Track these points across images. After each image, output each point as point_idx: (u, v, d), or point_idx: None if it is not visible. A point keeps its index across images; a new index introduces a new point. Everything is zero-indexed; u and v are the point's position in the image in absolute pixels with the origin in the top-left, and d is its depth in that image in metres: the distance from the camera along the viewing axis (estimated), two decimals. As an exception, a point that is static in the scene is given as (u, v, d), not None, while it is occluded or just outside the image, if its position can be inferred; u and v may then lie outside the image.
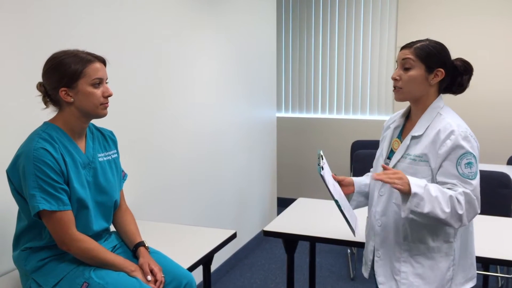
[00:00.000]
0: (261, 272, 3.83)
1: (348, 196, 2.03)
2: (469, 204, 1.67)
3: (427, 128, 1.78)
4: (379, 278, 1.88)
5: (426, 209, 1.63)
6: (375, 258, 1.91)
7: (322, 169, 1.82)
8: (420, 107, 1.84)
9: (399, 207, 1.76)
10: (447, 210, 1.64)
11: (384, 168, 1.73)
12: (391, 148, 1.92)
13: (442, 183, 1.72)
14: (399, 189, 1.64)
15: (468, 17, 4.65)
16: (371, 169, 2.14)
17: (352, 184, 2.01)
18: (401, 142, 1.86)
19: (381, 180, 1.66)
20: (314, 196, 5.26)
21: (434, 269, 1.79)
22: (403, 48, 1.83)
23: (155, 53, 2.79)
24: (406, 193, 1.65)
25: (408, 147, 1.81)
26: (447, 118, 1.76)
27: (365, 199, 2.05)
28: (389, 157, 1.91)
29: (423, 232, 1.79)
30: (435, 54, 1.77)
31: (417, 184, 1.65)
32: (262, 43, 4.24)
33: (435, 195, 1.64)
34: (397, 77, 1.81)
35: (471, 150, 1.69)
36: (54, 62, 1.63)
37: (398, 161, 1.83)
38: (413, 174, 1.75)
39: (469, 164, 1.69)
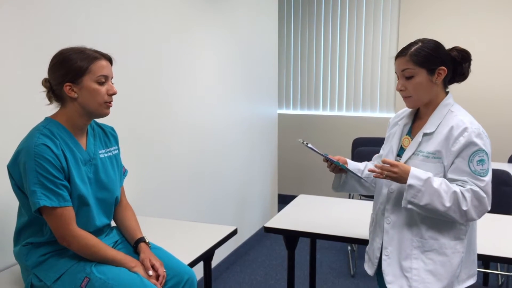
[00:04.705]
0: (262, 268, 3.84)
1: (342, 175, 2.07)
2: (478, 201, 1.69)
3: (438, 125, 1.78)
4: (388, 277, 1.86)
5: (424, 201, 1.70)
6: (383, 257, 1.88)
7: (307, 143, 1.91)
8: (429, 105, 1.83)
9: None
10: (448, 204, 1.68)
11: (384, 163, 1.75)
12: (401, 145, 1.91)
13: (452, 180, 1.73)
14: (394, 180, 1.75)
15: (470, 15, 4.64)
16: (370, 163, 2.12)
17: (345, 162, 2.02)
18: (412, 140, 1.86)
19: (376, 176, 1.78)
20: (315, 193, 5.28)
21: (446, 265, 1.78)
22: (398, 57, 1.80)
23: (157, 49, 2.79)
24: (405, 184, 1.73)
25: (419, 144, 1.81)
26: (459, 115, 1.76)
27: (358, 184, 2.06)
28: (399, 155, 1.90)
29: (436, 229, 1.79)
30: (432, 55, 1.75)
31: (416, 176, 1.70)
32: (264, 40, 4.24)
33: (436, 188, 1.68)
34: (403, 88, 1.80)
35: (483, 147, 1.70)
36: (60, 57, 1.64)
37: (410, 158, 1.82)
38: (425, 171, 1.75)
39: (481, 161, 1.70)
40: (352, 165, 2.04)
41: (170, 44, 2.91)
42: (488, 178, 1.71)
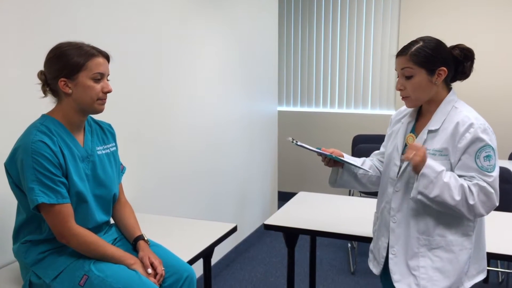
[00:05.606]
0: (262, 265, 3.84)
1: (338, 170, 2.03)
2: (485, 197, 1.69)
3: (443, 121, 1.77)
4: (395, 276, 1.84)
5: (434, 192, 1.68)
6: (390, 256, 1.87)
7: (297, 142, 1.85)
8: (432, 103, 1.82)
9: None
10: (457, 198, 1.67)
11: (411, 148, 1.71)
12: (405, 143, 1.89)
13: (460, 177, 1.72)
14: (414, 165, 1.69)
15: (471, 11, 4.62)
16: (369, 159, 2.11)
17: (341, 155, 1.99)
18: (416, 137, 1.85)
19: (406, 157, 1.71)
20: (315, 190, 5.27)
21: (453, 262, 1.77)
22: (398, 55, 1.79)
23: (157, 46, 2.78)
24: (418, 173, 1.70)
25: (425, 141, 1.79)
26: (464, 111, 1.75)
27: (354, 180, 2.03)
28: (403, 153, 1.88)
29: (443, 226, 1.77)
30: (432, 55, 1.73)
31: (431, 166, 1.68)
32: (264, 37, 4.22)
33: (447, 181, 1.67)
34: (402, 87, 1.79)
35: (490, 143, 1.70)
36: (57, 51, 1.63)
37: None
38: None
39: (488, 157, 1.69)
40: (348, 158, 2.01)
41: (170, 42, 2.90)
42: (496, 173, 1.71)
